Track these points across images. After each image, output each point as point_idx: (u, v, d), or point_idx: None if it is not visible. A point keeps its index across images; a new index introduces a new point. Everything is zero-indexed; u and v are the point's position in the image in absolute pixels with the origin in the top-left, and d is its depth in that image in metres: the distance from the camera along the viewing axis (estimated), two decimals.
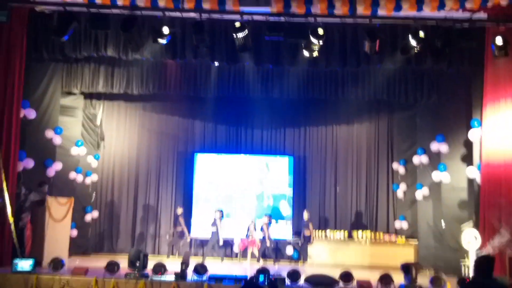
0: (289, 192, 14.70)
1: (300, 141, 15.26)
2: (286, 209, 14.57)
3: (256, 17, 9.98)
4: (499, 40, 9.62)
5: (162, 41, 9.83)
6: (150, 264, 9.82)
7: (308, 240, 13.56)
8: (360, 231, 14.03)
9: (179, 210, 13.70)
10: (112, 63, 13.17)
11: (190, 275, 9.42)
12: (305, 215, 13.71)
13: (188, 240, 13.84)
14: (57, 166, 13.09)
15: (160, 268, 9.59)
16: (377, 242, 13.86)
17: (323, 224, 14.62)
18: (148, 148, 15.11)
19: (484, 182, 11.49)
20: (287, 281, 9.30)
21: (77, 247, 13.51)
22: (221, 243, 13.51)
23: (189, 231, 13.86)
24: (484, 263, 4.89)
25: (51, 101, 13.16)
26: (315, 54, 10.04)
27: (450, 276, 10.80)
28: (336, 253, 13.54)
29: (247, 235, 13.35)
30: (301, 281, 9.32)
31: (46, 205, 11.20)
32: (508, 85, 11.00)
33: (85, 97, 14.34)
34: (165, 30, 9.65)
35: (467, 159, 12.52)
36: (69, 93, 13.76)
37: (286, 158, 14.86)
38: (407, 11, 10.49)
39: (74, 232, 13.11)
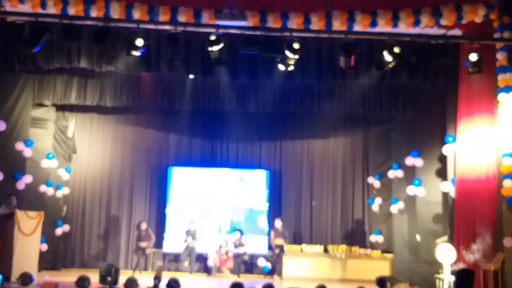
0: (266, 206, 14.59)
1: (276, 155, 15.18)
2: (263, 223, 14.43)
3: (232, 31, 9.90)
4: (473, 57, 9.68)
5: (136, 53, 9.65)
6: (122, 279, 9.59)
7: (281, 249, 13.44)
8: (335, 245, 13.99)
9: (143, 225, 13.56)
10: (85, 75, 12.97)
11: None
12: (278, 223, 13.59)
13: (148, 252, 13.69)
14: (27, 179, 12.82)
15: (132, 283, 9.31)
16: (352, 256, 13.84)
17: (298, 238, 14.54)
18: (121, 161, 14.88)
19: (458, 197, 11.60)
20: None
21: (47, 261, 13.20)
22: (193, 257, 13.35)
23: (161, 246, 13.67)
24: (464, 277, 4.90)
25: (22, 112, 12.93)
26: (291, 68, 9.98)
27: None
28: (311, 267, 13.50)
29: (220, 250, 13.21)
30: None
31: (15, 219, 10.90)
32: (482, 101, 11.10)
33: (57, 109, 14.07)
34: (139, 42, 9.47)
35: (442, 173, 12.63)
36: (41, 105, 13.51)
37: (263, 171, 14.76)
38: (383, 27, 10.58)
39: (44, 247, 12.80)
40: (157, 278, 9.42)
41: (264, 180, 14.67)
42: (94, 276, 9.59)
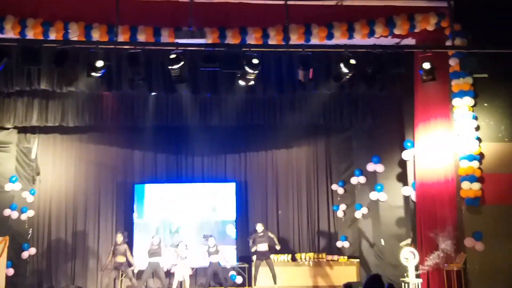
0: (231, 217, 14.67)
1: (241, 167, 15.28)
2: (232, 232, 14.50)
3: (191, 48, 10.02)
4: (426, 65, 10.02)
5: (97, 74, 9.67)
6: None
7: (266, 257, 13.04)
8: (303, 253, 14.19)
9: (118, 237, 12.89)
10: (46, 96, 12.88)
11: None
12: (260, 227, 13.25)
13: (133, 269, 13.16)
14: None
15: None
16: (320, 263, 14.04)
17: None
18: (86, 180, 14.73)
19: (419, 200, 11.92)
20: None
21: (14, 286, 12.98)
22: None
23: (129, 264, 13.57)
24: (374, 282, 5.16)
25: None
26: (251, 83, 10.16)
27: None
28: (280, 276, 13.56)
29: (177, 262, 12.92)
30: None
31: None
32: (438, 106, 11.51)
33: (18, 131, 13.89)
34: (99, 63, 9.48)
35: (402, 178, 12.96)
36: (2, 128, 13.35)
37: (230, 184, 14.83)
38: (339, 39, 10.87)
39: (11, 271, 12.65)
40: None
41: (232, 192, 14.73)
42: None
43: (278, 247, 13.22)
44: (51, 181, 14.57)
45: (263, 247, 13.06)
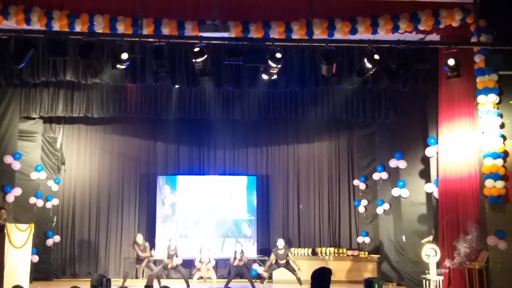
0: (251, 212, 14.74)
1: (262, 161, 15.36)
2: (247, 229, 14.59)
3: (215, 41, 10.08)
4: (451, 62, 9.92)
5: (121, 67, 9.79)
6: None
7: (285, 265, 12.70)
8: (323, 248, 14.23)
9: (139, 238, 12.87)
10: (71, 87, 13.08)
11: None
12: (281, 243, 12.69)
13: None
14: (17, 191, 12.86)
15: None
16: (340, 257, 14.10)
17: (287, 242, 14.63)
18: (110, 171, 14.97)
19: (441, 197, 11.83)
20: None
21: (39, 273, 13.31)
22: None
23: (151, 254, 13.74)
24: (321, 275, 5.21)
25: (9, 126, 12.94)
26: (274, 77, 10.18)
27: None
28: (300, 269, 13.60)
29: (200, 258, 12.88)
30: None
31: (5, 232, 10.97)
32: (462, 103, 11.36)
33: (44, 121, 14.17)
34: (124, 56, 9.60)
35: (425, 175, 12.84)
36: (28, 118, 13.61)
37: (251, 177, 14.91)
38: (363, 34, 10.82)
39: (35, 258, 12.90)
40: (149, 287, 9.57)
41: (253, 185, 14.82)
42: (85, 286, 9.76)
43: (297, 270, 12.59)
44: (75, 170, 14.83)
45: (282, 263, 12.69)
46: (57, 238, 14.09)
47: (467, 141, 11.20)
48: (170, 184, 14.71)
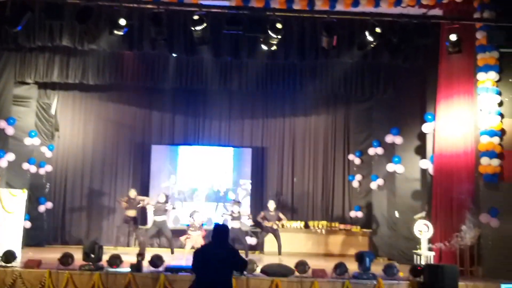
0: (247, 183, 14.78)
1: (258, 133, 15.31)
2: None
3: (215, 10, 9.93)
4: (453, 37, 9.84)
5: (119, 33, 9.64)
6: (106, 256, 9.70)
7: (272, 230, 12.92)
8: (316, 221, 14.28)
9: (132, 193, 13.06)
10: (67, 53, 12.85)
11: (147, 266, 9.38)
12: (272, 205, 12.99)
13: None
14: (10, 156, 12.75)
15: (115, 260, 9.45)
16: (333, 231, 14.17)
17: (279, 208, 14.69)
18: (104, 138, 14.88)
19: (436, 173, 11.83)
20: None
21: (31, 239, 13.23)
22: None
23: (145, 222, 13.77)
24: (221, 232, 5.83)
25: (4, 91, 12.80)
26: (274, 48, 10.07)
27: (403, 264, 11.15)
28: (293, 242, 13.72)
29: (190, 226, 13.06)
30: (258, 271, 9.36)
31: None
32: (462, 80, 11.27)
33: (39, 86, 13.99)
34: (122, 22, 9.45)
35: (421, 151, 12.84)
36: (23, 83, 13.41)
37: (246, 149, 15.01)
38: (365, 6, 10.72)
39: (28, 224, 12.86)
40: (141, 255, 9.56)
41: (248, 157, 14.89)
42: (77, 253, 9.73)
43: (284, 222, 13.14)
44: (69, 137, 14.74)
45: (270, 225, 12.87)
46: (49, 205, 14.03)
47: (464, 118, 11.15)
48: (165, 154, 14.67)
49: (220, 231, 5.90)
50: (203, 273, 5.73)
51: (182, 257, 12.09)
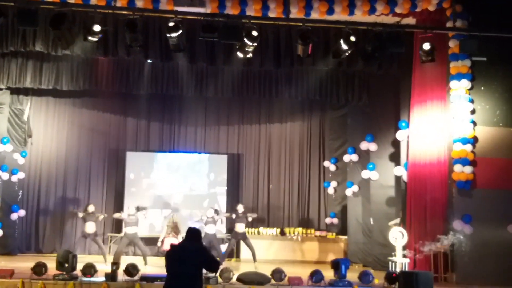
0: (222, 190, 14.74)
1: (234, 139, 15.33)
2: (219, 206, 14.56)
3: (190, 16, 9.90)
4: (426, 46, 9.96)
5: (93, 39, 9.56)
6: (80, 265, 9.56)
7: (242, 237, 12.97)
8: (292, 228, 14.31)
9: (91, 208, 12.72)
10: (40, 58, 12.69)
11: (121, 275, 9.27)
12: (241, 208, 13.08)
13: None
14: None
15: (89, 269, 9.34)
16: (308, 238, 14.22)
17: (255, 221, 14.67)
18: (78, 145, 14.70)
19: (410, 180, 11.91)
20: (219, 279, 9.23)
21: (3, 247, 13.09)
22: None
23: (120, 230, 13.61)
24: (194, 232, 6.08)
25: None
26: (249, 55, 10.08)
27: (378, 271, 11.22)
28: (268, 249, 13.74)
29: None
30: (234, 279, 9.32)
31: None
32: (435, 88, 11.42)
33: (11, 92, 13.78)
34: (96, 28, 9.37)
35: (395, 158, 12.95)
36: None
37: (222, 156, 14.98)
38: (340, 14, 10.77)
39: (0, 232, 12.64)
40: (115, 264, 9.46)
41: (224, 164, 14.84)
42: (50, 262, 9.60)
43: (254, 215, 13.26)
44: (42, 144, 14.54)
45: (240, 227, 12.87)
46: (22, 212, 13.78)
47: (438, 126, 11.30)
48: (140, 161, 14.55)
49: (193, 231, 6.11)
50: (172, 268, 5.91)
51: (158, 265, 11.98)
